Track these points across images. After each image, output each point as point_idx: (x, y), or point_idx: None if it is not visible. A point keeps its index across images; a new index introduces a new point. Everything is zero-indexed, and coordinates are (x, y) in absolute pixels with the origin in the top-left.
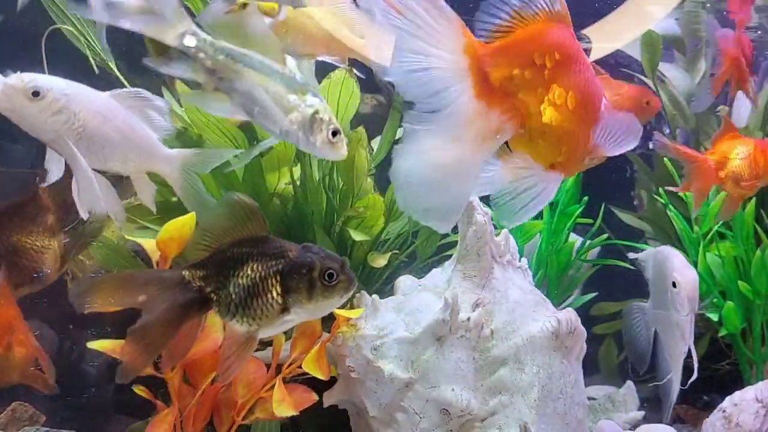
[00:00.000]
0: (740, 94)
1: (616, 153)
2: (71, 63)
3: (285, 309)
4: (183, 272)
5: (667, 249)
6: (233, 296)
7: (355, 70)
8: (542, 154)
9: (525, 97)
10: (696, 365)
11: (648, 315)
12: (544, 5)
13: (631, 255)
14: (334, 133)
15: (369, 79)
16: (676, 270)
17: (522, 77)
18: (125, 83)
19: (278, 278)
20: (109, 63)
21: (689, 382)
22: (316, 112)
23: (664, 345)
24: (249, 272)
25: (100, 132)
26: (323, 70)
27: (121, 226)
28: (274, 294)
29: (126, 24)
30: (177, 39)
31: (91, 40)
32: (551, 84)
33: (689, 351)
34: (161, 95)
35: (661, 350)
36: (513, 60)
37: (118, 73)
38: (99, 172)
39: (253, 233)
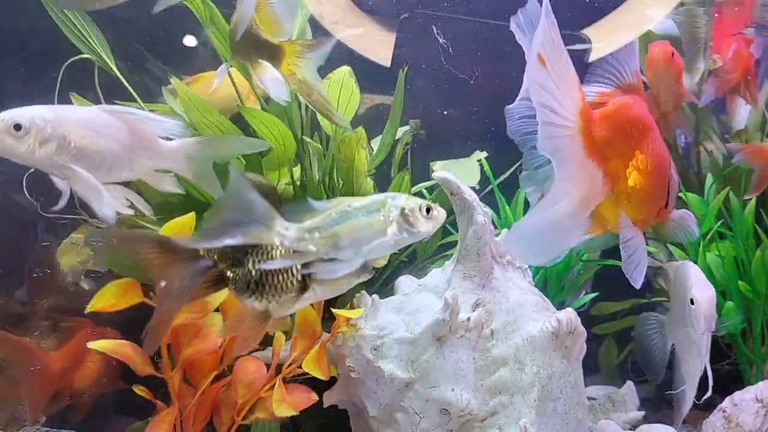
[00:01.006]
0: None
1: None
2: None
3: (304, 287)
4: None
5: (688, 264)
6: (253, 274)
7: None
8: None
9: (616, 162)
10: (711, 383)
11: (667, 328)
12: (625, 79)
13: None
14: (428, 210)
15: (369, 79)
16: (694, 287)
17: (616, 144)
18: (125, 83)
19: None
20: (110, 63)
21: (704, 398)
22: (403, 209)
23: (681, 360)
24: (268, 250)
25: (96, 147)
26: (321, 72)
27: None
28: (294, 271)
29: (229, 241)
30: (277, 239)
31: (91, 41)
32: (635, 151)
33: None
34: (160, 95)
35: (678, 365)
36: (611, 127)
37: (118, 74)
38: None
39: None
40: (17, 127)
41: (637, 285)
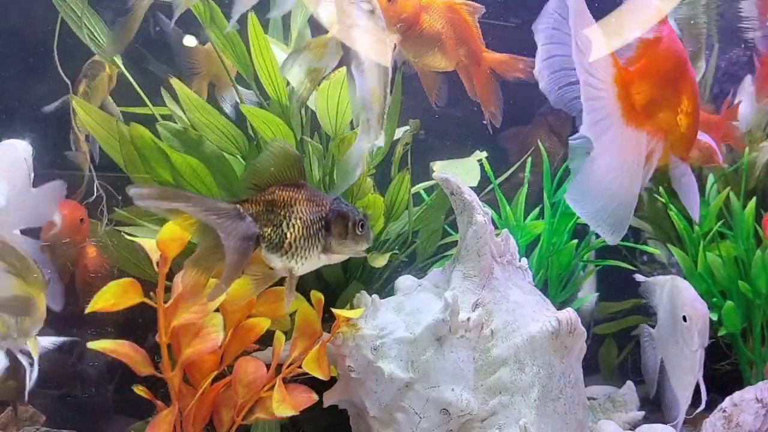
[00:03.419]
0: (745, 96)
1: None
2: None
3: (324, 251)
4: (237, 206)
5: (679, 280)
6: (288, 236)
7: None
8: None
9: (665, 115)
10: (704, 398)
11: (656, 342)
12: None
13: (639, 277)
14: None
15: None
16: (687, 304)
17: (662, 97)
18: (133, 82)
19: (323, 223)
20: (115, 59)
21: (696, 412)
22: None
23: (671, 375)
24: (301, 215)
25: None
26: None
27: None
28: (320, 237)
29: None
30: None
31: (97, 36)
32: (681, 96)
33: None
34: (160, 95)
35: (666, 379)
36: (653, 82)
37: (123, 69)
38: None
39: (294, 179)
40: None
41: (696, 217)
